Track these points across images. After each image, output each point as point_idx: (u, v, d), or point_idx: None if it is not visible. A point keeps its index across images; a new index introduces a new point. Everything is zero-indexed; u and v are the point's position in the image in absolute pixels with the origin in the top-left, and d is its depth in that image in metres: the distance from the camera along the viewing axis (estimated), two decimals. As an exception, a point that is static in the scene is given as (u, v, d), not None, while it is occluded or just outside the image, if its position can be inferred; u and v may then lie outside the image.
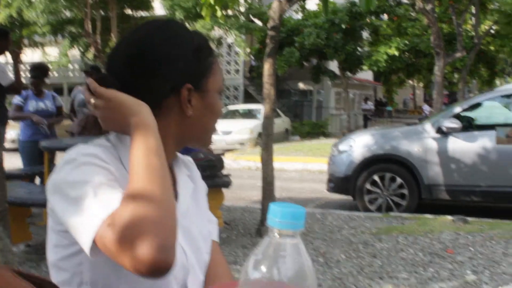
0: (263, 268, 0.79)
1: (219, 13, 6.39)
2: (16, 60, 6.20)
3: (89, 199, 1.01)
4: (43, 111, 6.73)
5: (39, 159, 6.57)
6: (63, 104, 7.48)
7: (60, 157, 7.05)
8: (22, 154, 6.88)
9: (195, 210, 1.31)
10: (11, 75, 5.96)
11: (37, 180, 6.83)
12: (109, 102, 1.13)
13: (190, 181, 1.33)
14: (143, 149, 1.05)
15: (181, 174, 1.31)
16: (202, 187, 1.40)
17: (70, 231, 1.05)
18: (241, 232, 6.19)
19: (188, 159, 1.40)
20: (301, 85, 29.50)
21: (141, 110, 1.11)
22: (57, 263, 1.18)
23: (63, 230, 1.10)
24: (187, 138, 1.27)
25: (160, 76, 1.19)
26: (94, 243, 0.98)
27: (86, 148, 1.15)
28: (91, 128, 1.30)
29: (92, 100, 1.14)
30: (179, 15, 22.64)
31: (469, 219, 6.63)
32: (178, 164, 1.32)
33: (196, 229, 1.27)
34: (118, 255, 0.95)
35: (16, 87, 5.95)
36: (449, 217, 6.71)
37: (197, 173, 1.39)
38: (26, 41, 28.44)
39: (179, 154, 1.34)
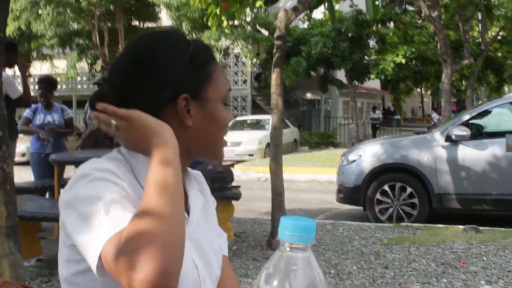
0: (275, 282, 0.79)
1: (225, 24, 6.41)
2: (25, 73, 6.24)
3: (99, 217, 1.00)
4: (49, 124, 6.75)
5: (49, 172, 6.57)
6: (73, 117, 7.49)
7: (69, 171, 7.06)
8: (32, 167, 6.91)
9: (206, 225, 1.30)
10: (19, 88, 5.99)
11: (47, 194, 6.84)
12: (131, 123, 1.13)
13: (201, 195, 1.31)
14: (160, 169, 1.03)
15: (192, 188, 1.30)
16: (212, 201, 1.38)
17: (79, 248, 1.04)
18: (252, 244, 6.17)
19: (198, 173, 1.39)
20: (308, 95, 29.52)
21: (163, 131, 1.10)
22: (70, 278, 1.16)
23: (74, 244, 1.09)
24: (194, 151, 1.24)
25: (157, 84, 1.17)
26: (100, 261, 0.97)
27: (100, 162, 1.15)
28: (103, 143, 1.31)
29: (114, 122, 1.14)
30: (185, 26, 22.77)
31: (481, 228, 6.58)
32: (189, 178, 1.31)
33: (207, 243, 1.26)
34: (117, 273, 0.93)
35: (24, 100, 5.98)
36: (460, 227, 6.66)
37: (206, 188, 1.38)
38: (34, 54, 28.70)
39: (189, 169, 1.33)
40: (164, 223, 0.96)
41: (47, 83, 6.92)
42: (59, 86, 32.61)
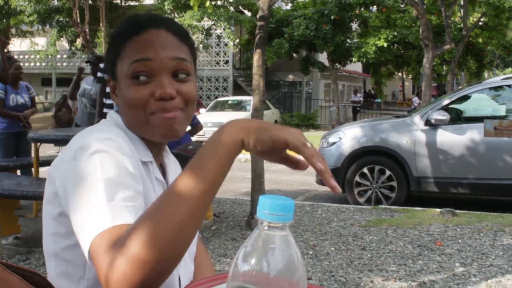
0: (253, 260, 0.79)
1: (208, 4, 6.36)
2: (3, 49, 6.13)
3: (102, 200, 0.95)
4: (22, 106, 6.67)
5: (15, 151, 6.57)
6: (36, 95, 7.40)
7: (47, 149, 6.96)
8: None
9: None
10: None
11: (18, 172, 6.74)
12: None
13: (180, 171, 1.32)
14: (189, 175, 0.93)
15: (171, 164, 1.31)
16: None
17: (73, 226, 0.99)
18: (231, 224, 6.19)
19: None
20: (290, 77, 29.50)
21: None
22: (59, 253, 1.12)
23: (62, 216, 1.07)
24: (135, 131, 1.22)
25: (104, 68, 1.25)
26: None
27: (101, 131, 1.12)
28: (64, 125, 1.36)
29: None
30: (167, 5, 22.56)
31: (458, 211, 6.67)
32: (168, 154, 1.32)
33: None
34: (99, 267, 0.88)
35: (1, 75, 5.90)
36: (437, 210, 6.75)
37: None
38: (13, 31, 28.22)
39: (168, 149, 1.33)
40: (175, 241, 0.88)
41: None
42: (38, 64, 32.04)
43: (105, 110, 6.75)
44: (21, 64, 6.91)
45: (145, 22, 1.19)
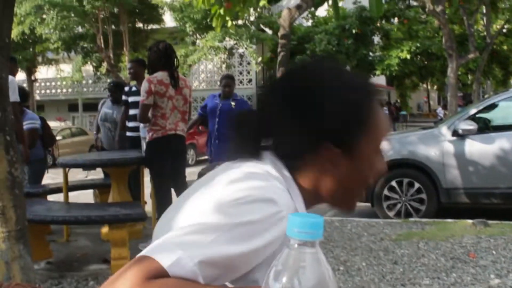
0: (284, 279, 0.79)
1: (229, 24, 6.43)
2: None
3: (201, 240, 0.90)
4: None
5: None
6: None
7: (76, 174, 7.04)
8: None
9: None
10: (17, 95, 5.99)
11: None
12: None
13: None
14: None
15: None
16: None
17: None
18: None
19: None
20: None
21: None
22: None
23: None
24: (325, 197, 1.11)
25: (302, 127, 1.05)
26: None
27: (263, 182, 0.99)
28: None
29: None
30: (189, 27, 22.82)
31: (490, 222, 6.56)
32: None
33: None
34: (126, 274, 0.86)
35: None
36: (469, 221, 6.64)
37: None
38: (39, 59, 28.83)
39: None
40: None
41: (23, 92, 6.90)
42: (64, 90, 32.55)
43: (128, 133, 6.81)
44: (48, 91, 7.00)
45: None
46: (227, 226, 0.92)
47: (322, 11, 23.70)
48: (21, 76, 28.12)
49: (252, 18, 23.85)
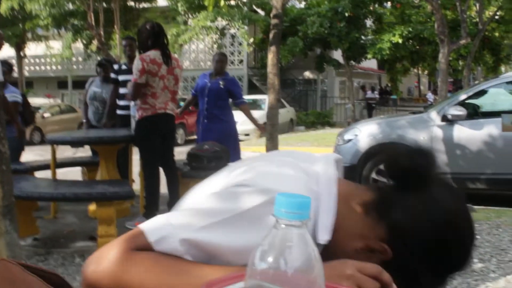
0: (270, 259, 0.79)
1: (222, 3, 6.38)
2: None
3: (193, 222, 0.93)
4: None
5: None
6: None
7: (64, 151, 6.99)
8: None
9: None
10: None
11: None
12: None
13: None
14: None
15: None
16: None
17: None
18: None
19: None
20: (305, 75, 29.46)
21: None
22: None
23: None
24: (334, 247, 1.03)
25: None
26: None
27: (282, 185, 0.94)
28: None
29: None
30: (181, 6, 22.61)
31: (476, 207, 6.61)
32: None
33: None
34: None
35: None
36: (455, 205, 6.69)
37: None
38: (29, 35, 28.50)
39: None
40: None
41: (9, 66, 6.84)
42: (54, 67, 32.19)
43: (118, 111, 6.77)
44: (37, 68, 6.93)
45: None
46: (221, 214, 0.93)
47: (315, -7, 23.58)
48: (10, 52, 27.81)
49: (244, -1, 23.71)
